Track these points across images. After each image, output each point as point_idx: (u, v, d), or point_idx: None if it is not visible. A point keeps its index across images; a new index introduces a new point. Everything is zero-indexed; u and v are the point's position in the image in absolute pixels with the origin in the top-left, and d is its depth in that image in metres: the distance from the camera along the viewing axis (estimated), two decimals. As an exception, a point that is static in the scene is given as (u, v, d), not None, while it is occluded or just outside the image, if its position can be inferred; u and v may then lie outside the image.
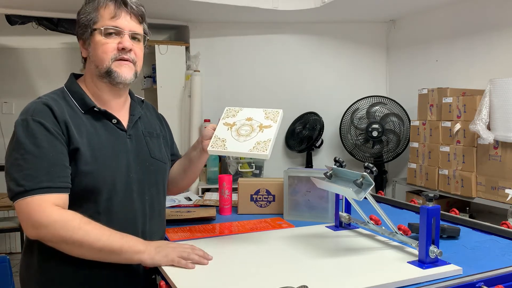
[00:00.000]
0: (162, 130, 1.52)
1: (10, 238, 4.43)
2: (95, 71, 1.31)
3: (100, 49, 1.29)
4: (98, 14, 1.29)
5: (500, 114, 2.45)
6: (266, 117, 1.45)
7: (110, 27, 1.28)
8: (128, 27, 1.31)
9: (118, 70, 1.30)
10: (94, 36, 1.29)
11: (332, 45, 3.99)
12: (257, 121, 1.45)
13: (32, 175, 1.16)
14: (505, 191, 2.45)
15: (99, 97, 1.34)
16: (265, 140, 1.38)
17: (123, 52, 1.30)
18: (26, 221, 1.16)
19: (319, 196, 1.71)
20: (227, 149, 1.38)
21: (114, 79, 1.31)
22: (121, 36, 1.30)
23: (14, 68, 4.78)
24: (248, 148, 1.36)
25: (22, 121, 1.21)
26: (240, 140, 1.38)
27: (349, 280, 1.12)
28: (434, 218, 1.18)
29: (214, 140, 1.41)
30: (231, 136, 1.40)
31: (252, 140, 1.38)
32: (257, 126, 1.42)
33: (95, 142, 1.27)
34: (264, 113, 1.48)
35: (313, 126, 3.81)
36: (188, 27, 3.82)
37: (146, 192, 1.36)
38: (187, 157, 1.56)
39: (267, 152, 1.34)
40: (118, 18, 1.30)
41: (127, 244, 1.19)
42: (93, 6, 1.30)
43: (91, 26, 1.29)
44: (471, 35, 3.15)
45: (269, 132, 1.42)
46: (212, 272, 1.20)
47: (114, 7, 1.30)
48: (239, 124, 1.44)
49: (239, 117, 1.46)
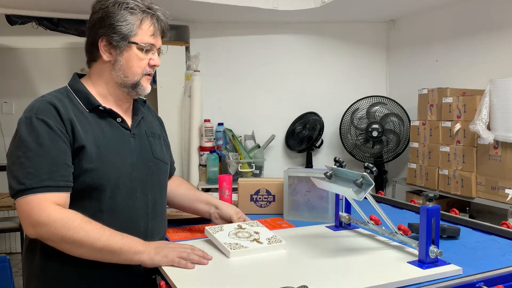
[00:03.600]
0: (162, 132, 1.53)
1: (10, 238, 4.43)
2: (120, 79, 1.32)
3: (135, 63, 1.32)
4: (139, 28, 1.30)
5: (500, 114, 2.45)
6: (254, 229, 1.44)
7: (150, 44, 1.32)
8: (159, 45, 1.37)
9: (145, 85, 1.36)
10: (131, 48, 1.31)
11: (332, 45, 3.99)
12: (249, 228, 1.44)
13: (34, 173, 1.16)
14: (505, 191, 2.45)
15: (106, 98, 1.35)
16: (271, 236, 1.38)
17: (152, 68, 1.35)
18: (26, 220, 1.17)
19: (319, 196, 1.71)
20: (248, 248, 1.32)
21: (137, 92, 1.35)
22: (153, 53, 1.35)
23: (14, 68, 4.78)
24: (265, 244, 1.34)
25: (25, 119, 1.21)
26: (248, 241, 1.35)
27: (349, 280, 1.13)
28: (434, 218, 1.18)
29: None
30: (237, 238, 1.37)
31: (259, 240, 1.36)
32: (253, 232, 1.41)
33: (100, 140, 1.28)
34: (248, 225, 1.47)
35: (313, 126, 3.81)
36: (188, 27, 3.82)
37: (149, 191, 1.36)
38: (195, 206, 1.59)
39: (284, 241, 1.35)
40: (156, 36, 1.34)
41: (127, 245, 1.19)
42: (135, 19, 1.30)
43: (129, 37, 1.30)
44: (471, 35, 3.15)
45: (265, 231, 1.42)
46: (212, 272, 1.20)
47: (155, 25, 1.33)
48: (234, 230, 1.41)
49: (228, 228, 1.42)
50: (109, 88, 1.35)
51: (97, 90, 1.35)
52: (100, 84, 1.35)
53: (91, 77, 1.36)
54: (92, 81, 1.36)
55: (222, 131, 3.76)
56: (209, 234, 1.38)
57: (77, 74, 1.39)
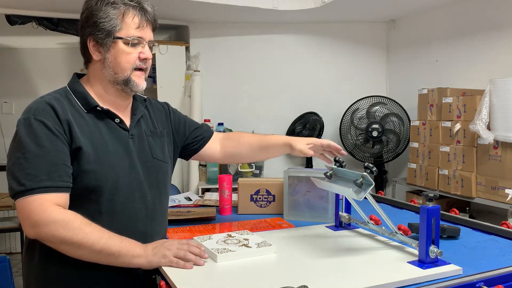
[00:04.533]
0: (168, 124, 1.51)
1: (10, 238, 4.43)
2: (111, 76, 1.31)
3: (123, 58, 1.29)
4: (123, 22, 1.28)
5: (500, 114, 2.45)
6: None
7: (136, 37, 1.29)
8: (148, 37, 1.33)
9: (137, 80, 1.32)
10: (117, 44, 1.29)
11: (332, 45, 3.99)
12: (238, 236, 1.42)
13: (33, 174, 1.16)
14: (505, 191, 2.44)
15: (104, 98, 1.34)
16: (260, 242, 1.36)
17: (143, 62, 1.32)
18: (26, 220, 1.16)
19: (319, 196, 1.71)
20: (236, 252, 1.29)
21: (130, 88, 1.33)
22: (142, 46, 1.32)
23: (14, 68, 4.78)
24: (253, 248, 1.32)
25: (24, 120, 1.21)
26: (236, 247, 1.32)
27: (349, 280, 1.12)
28: (434, 218, 1.18)
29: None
30: (225, 244, 1.34)
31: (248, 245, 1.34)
32: (242, 239, 1.39)
33: (98, 141, 1.27)
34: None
35: (313, 126, 3.81)
36: (188, 27, 3.82)
37: (148, 193, 1.35)
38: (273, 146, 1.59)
39: (274, 245, 1.33)
40: (142, 28, 1.31)
41: (126, 248, 1.20)
42: (117, 13, 1.28)
43: (113, 33, 1.28)
44: (471, 35, 3.15)
45: (253, 237, 1.40)
46: (212, 272, 1.20)
47: (139, 17, 1.30)
48: (222, 238, 1.39)
49: (217, 237, 1.41)
50: (104, 87, 1.34)
51: (95, 91, 1.34)
52: (96, 84, 1.34)
53: (88, 78, 1.36)
54: (90, 82, 1.35)
55: (222, 131, 3.76)
56: (198, 243, 1.35)
57: (77, 74, 1.39)
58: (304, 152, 1.52)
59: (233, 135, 1.68)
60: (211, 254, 1.27)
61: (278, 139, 1.60)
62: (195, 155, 1.60)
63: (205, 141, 1.59)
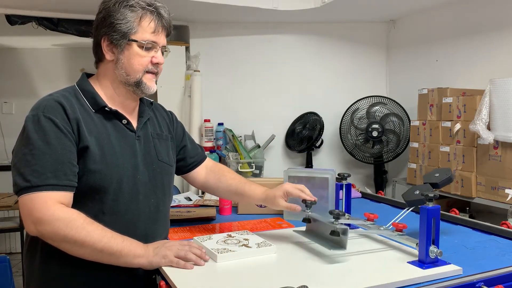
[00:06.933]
0: (171, 131, 1.52)
1: (10, 238, 4.43)
2: (123, 77, 1.32)
3: (137, 60, 1.31)
4: (139, 25, 1.29)
5: (500, 114, 2.45)
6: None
7: (150, 42, 1.31)
8: (162, 43, 1.35)
9: (148, 82, 1.34)
10: (132, 46, 1.30)
11: (332, 45, 3.99)
12: (238, 236, 1.42)
13: (39, 171, 1.16)
14: (505, 191, 2.44)
15: (113, 99, 1.35)
16: (260, 242, 1.36)
17: (155, 66, 1.34)
18: (29, 217, 1.17)
19: (319, 196, 1.70)
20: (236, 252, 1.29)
21: (141, 90, 1.34)
22: (155, 50, 1.33)
23: (14, 68, 4.78)
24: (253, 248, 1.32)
25: (33, 117, 1.21)
26: (236, 247, 1.32)
27: (349, 280, 1.13)
28: (434, 218, 1.18)
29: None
30: (225, 244, 1.34)
31: (248, 245, 1.34)
32: (242, 239, 1.39)
33: (105, 142, 1.28)
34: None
35: (313, 126, 3.81)
36: (188, 27, 3.82)
37: (152, 194, 1.36)
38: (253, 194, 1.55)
39: (273, 245, 1.33)
40: (157, 33, 1.33)
41: (127, 248, 1.20)
42: (134, 16, 1.29)
43: (129, 35, 1.29)
44: (471, 35, 3.15)
45: (253, 237, 1.40)
46: (212, 272, 1.20)
47: (156, 22, 1.31)
48: (222, 238, 1.39)
49: (217, 237, 1.41)
50: (115, 88, 1.35)
51: (104, 91, 1.35)
52: (106, 84, 1.35)
53: (98, 78, 1.37)
54: (99, 81, 1.36)
55: (222, 131, 3.75)
56: (198, 243, 1.36)
57: (85, 74, 1.39)
58: (282, 206, 1.49)
59: (218, 170, 1.63)
60: (211, 254, 1.27)
61: (255, 191, 1.55)
62: (181, 174, 1.61)
63: (196, 165, 1.60)
